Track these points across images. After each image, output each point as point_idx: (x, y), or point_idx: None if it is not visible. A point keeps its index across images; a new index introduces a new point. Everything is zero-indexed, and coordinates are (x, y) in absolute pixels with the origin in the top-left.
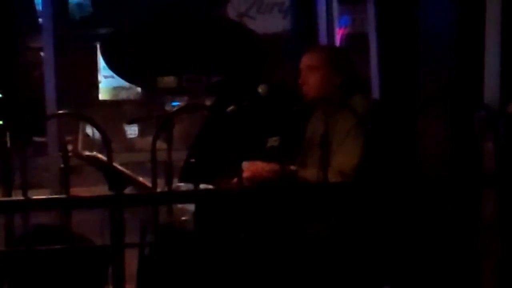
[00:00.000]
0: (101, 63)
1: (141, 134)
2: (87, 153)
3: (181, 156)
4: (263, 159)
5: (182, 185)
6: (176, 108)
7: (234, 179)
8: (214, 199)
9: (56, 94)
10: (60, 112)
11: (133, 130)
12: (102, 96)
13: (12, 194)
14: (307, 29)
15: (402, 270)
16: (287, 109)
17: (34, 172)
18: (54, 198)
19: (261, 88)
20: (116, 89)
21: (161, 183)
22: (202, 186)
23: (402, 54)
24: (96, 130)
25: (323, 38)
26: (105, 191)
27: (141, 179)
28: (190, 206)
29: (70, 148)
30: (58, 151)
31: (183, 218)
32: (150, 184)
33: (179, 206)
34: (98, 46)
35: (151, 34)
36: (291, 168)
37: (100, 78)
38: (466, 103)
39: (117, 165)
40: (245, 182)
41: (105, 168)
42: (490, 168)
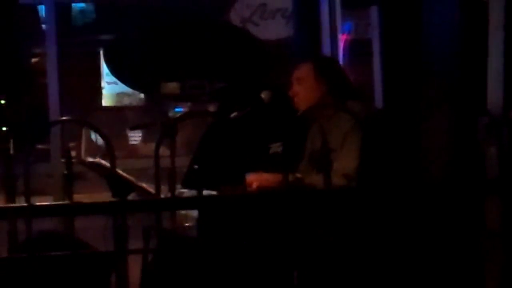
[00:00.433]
0: (104, 69)
1: (144, 140)
2: (90, 159)
3: (184, 162)
4: (266, 165)
5: (186, 191)
6: (179, 114)
7: (237, 186)
8: (217, 206)
9: (59, 100)
10: (63, 118)
11: (136, 136)
12: (105, 102)
13: (15, 201)
14: (310, 35)
15: (404, 274)
16: (290, 115)
17: (37, 178)
18: (57, 204)
19: (264, 94)
20: (119, 95)
21: (164, 189)
22: (205, 192)
23: (405, 60)
24: (99, 136)
25: (326, 44)
26: (108, 198)
27: (144, 185)
28: (193, 213)
29: (73, 154)
30: (61, 157)
31: (186, 225)
32: (153, 190)
33: (182, 213)
34: (101, 52)
35: (154, 40)
36: (297, 175)
37: (103, 84)
38: (469, 109)
39: (120, 171)
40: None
41: (108, 174)
42: (493, 173)
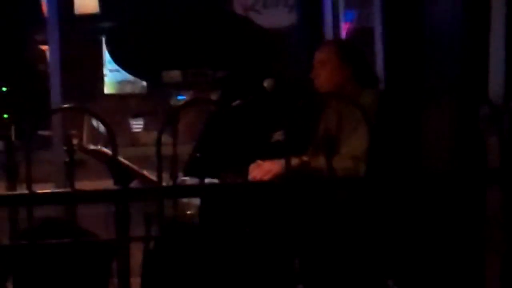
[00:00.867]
0: (106, 57)
1: (146, 128)
2: (92, 147)
3: (186, 150)
4: (268, 154)
5: (187, 179)
6: (181, 102)
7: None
8: (219, 194)
9: (61, 88)
10: (65, 106)
11: (138, 124)
12: (107, 90)
13: (16, 188)
14: (313, 23)
15: (405, 264)
16: (293, 103)
17: (39, 166)
18: (59, 192)
19: (266, 82)
20: (121, 83)
21: (166, 177)
22: (207, 180)
23: (408, 49)
24: (101, 124)
25: (329, 32)
26: (110, 185)
27: (146, 173)
28: (195, 200)
29: (75, 142)
30: (63, 145)
31: (188, 212)
32: (155, 178)
33: (184, 200)
34: (103, 40)
35: (157, 28)
36: (304, 158)
37: (105, 71)
38: (471, 98)
39: (122, 159)
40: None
41: (110, 162)
42: (494, 163)
